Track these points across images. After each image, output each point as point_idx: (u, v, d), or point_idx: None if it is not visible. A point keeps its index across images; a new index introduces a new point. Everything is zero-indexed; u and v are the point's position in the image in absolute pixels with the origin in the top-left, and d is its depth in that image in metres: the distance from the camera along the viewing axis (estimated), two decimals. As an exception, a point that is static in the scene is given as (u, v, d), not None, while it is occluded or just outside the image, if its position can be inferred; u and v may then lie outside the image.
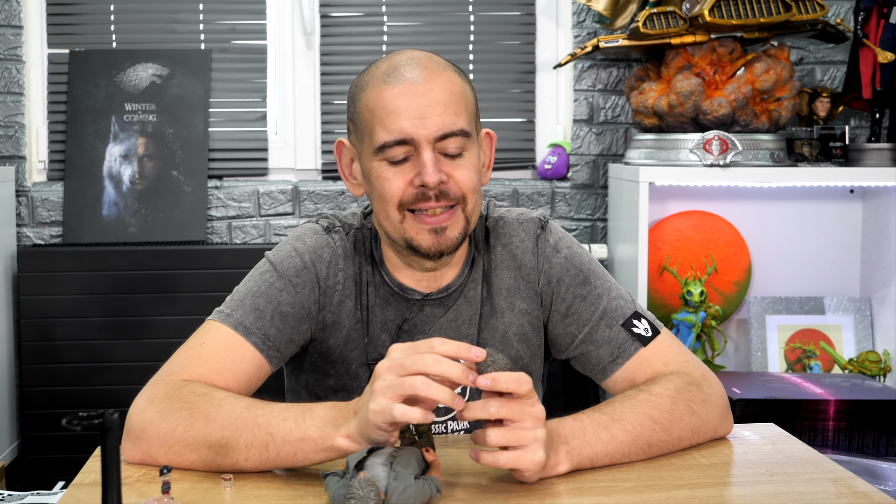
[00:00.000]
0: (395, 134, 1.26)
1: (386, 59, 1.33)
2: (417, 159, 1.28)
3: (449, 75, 1.30)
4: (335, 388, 1.41)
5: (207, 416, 1.18)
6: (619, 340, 1.36)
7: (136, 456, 1.21)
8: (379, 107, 1.28)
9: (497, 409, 1.07)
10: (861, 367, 2.70)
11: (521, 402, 1.08)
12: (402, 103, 1.26)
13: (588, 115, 3.00)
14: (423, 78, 1.27)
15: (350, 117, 1.36)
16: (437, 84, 1.27)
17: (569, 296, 1.40)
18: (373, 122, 1.29)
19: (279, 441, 1.14)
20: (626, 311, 1.39)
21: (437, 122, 1.27)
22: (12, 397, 2.84)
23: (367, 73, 1.33)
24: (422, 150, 1.27)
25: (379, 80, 1.29)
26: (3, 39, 2.89)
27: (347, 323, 1.39)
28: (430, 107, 1.26)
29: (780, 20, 2.51)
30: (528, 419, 1.09)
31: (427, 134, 1.26)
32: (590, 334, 1.38)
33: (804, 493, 1.13)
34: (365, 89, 1.31)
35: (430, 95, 1.26)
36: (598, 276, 1.42)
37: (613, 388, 1.37)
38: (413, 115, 1.26)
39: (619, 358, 1.36)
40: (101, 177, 2.90)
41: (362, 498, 1.00)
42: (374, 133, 1.29)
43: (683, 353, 1.37)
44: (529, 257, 1.42)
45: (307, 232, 1.41)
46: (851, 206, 2.94)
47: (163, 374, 1.27)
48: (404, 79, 1.27)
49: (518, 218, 1.45)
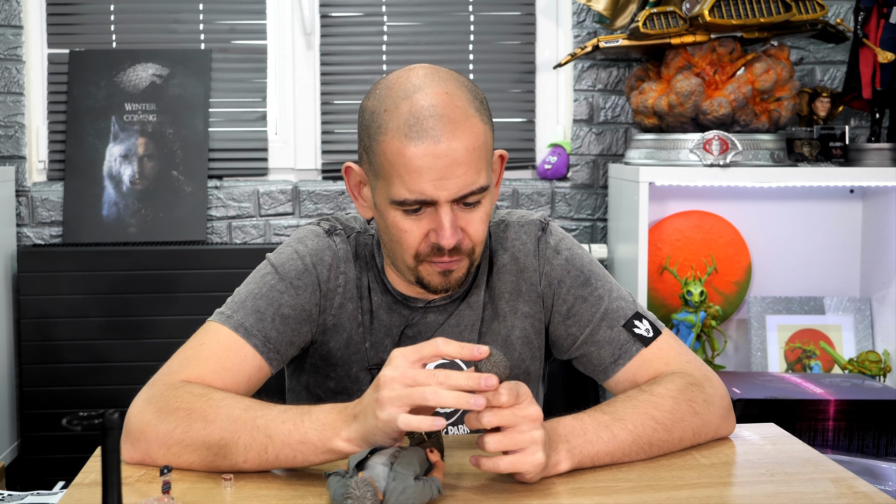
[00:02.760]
0: (415, 194, 1.24)
1: (406, 98, 1.25)
2: (434, 214, 1.26)
3: (472, 125, 1.26)
4: (336, 391, 1.41)
5: (206, 418, 1.18)
6: (621, 341, 1.36)
7: (135, 456, 1.21)
8: (400, 163, 1.24)
9: (490, 419, 1.09)
10: (861, 367, 2.70)
11: (514, 406, 1.10)
12: (424, 164, 1.23)
13: (588, 115, 3.00)
14: (446, 136, 1.23)
15: (364, 148, 1.31)
16: (460, 143, 1.24)
17: (570, 297, 1.40)
18: (391, 173, 1.25)
19: (278, 443, 1.14)
20: (628, 311, 1.39)
21: (457, 184, 1.24)
22: (12, 397, 2.84)
23: (385, 112, 1.26)
24: (440, 209, 1.26)
25: (399, 131, 1.24)
26: (3, 39, 2.89)
27: (349, 326, 1.39)
28: (451, 167, 1.23)
29: (780, 20, 2.51)
30: (523, 422, 1.10)
31: (447, 195, 1.25)
32: (591, 335, 1.38)
33: (804, 493, 1.13)
34: (384, 134, 1.25)
35: (452, 155, 1.23)
36: (598, 277, 1.42)
37: (615, 388, 1.37)
38: (435, 176, 1.23)
39: (620, 359, 1.36)
40: (101, 177, 2.90)
41: (359, 498, 1.00)
42: (392, 184, 1.26)
43: (685, 354, 1.37)
44: (531, 260, 1.42)
45: (308, 234, 1.41)
46: (851, 206, 2.94)
47: (161, 375, 1.27)
48: (426, 136, 1.22)
49: (519, 221, 1.45)
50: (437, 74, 1.28)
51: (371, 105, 1.29)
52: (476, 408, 1.06)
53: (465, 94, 1.28)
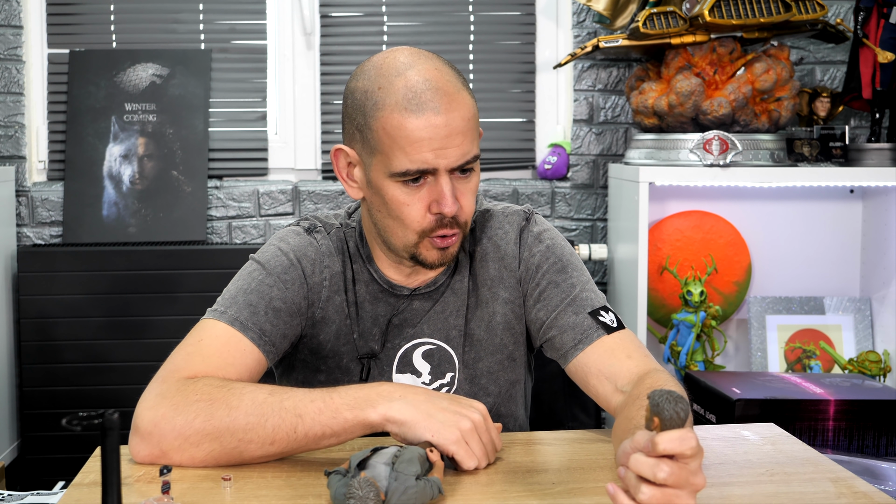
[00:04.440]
0: (417, 164, 1.29)
1: (399, 74, 1.30)
2: (434, 185, 1.31)
3: (463, 97, 1.31)
4: (326, 384, 1.42)
5: (229, 405, 1.19)
6: (584, 326, 1.38)
7: (145, 452, 1.20)
8: (401, 135, 1.28)
9: (665, 477, 0.95)
10: (861, 367, 2.70)
11: (688, 468, 0.96)
12: (425, 135, 1.28)
13: (588, 115, 3.00)
14: (444, 108, 1.29)
15: (357, 127, 1.34)
16: (457, 114, 1.30)
17: (543, 281, 1.43)
18: (392, 146, 1.30)
19: (309, 421, 1.18)
20: (596, 302, 1.41)
21: (456, 153, 1.30)
22: (12, 397, 2.84)
23: (379, 89, 1.31)
24: (440, 178, 1.31)
25: (398, 105, 1.29)
26: (3, 39, 2.89)
27: (337, 318, 1.42)
28: (450, 137, 1.29)
29: (780, 20, 2.51)
30: (687, 490, 0.97)
31: (447, 164, 1.30)
32: (556, 319, 1.40)
33: (804, 493, 1.13)
34: (382, 110, 1.30)
35: (451, 125, 1.29)
36: (575, 268, 1.44)
37: (575, 372, 1.38)
38: (436, 146, 1.29)
39: (580, 343, 1.37)
40: (101, 177, 2.90)
41: (362, 498, 1.00)
42: (392, 157, 1.30)
43: (645, 350, 1.39)
44: (512, 247, 1.45)
45: (289, 233, 1.45)
46: (851, 206, 2.94)
47: (167, 372, 1.27)
48: (426, 108, 1.28)
49: (503, 211, 1.49)
50: (421, 53, 1.35)
51: (362, 85, 1.34)
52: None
53: (451, 71, 1.34)
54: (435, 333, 1.43)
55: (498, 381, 1.45)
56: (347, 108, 1.36)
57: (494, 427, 1.23)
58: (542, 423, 1.74)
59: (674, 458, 0.95)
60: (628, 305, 2.65)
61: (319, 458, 1.24)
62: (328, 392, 1.21)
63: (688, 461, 0.96)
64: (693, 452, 0.96)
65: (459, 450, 1.16)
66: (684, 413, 0.95)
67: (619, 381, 1.32)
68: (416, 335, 1.43)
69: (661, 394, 0.96)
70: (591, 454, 1.27)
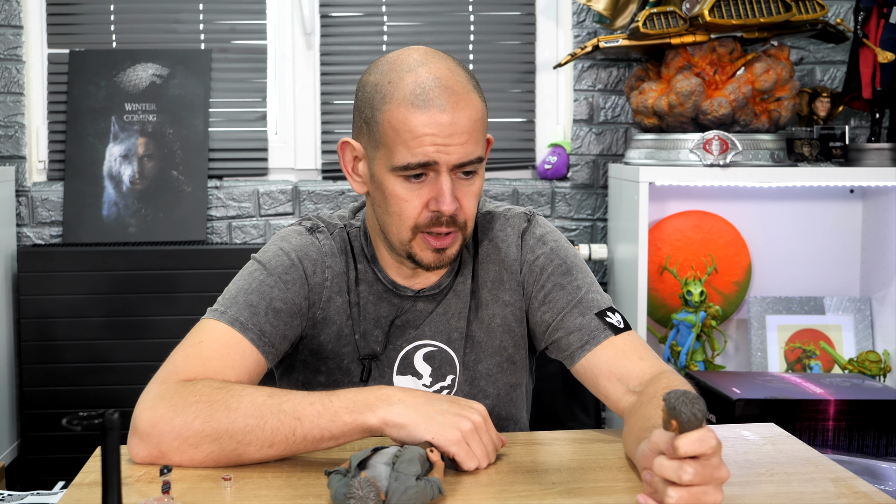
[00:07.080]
0: (419, 157, 1.29)
1: (410, 70, 1.31)
2: (435, 182, 1.31)
3: (472, 99, 1.31)
4: (326, 385, 1.42)
5: (228, 406, 1.19)
6: (591, 327, 1.38)
7: (143, 453, 1.20)
8: (404, 129, 1.29)
9: (691, 478, 0.97)
10: (861, 367, 2.70)
11: (711, 465, 0.99)
12: (429, 130, 1.28)
13: (588, 115, 3.00)
14: (450, 106, 1.29)
15: (364, 120, 1.34)
16: (463, 113, 1.29)
17: (548, 284, 1.42)
18: (395, 140, 1.30)
19: (307, 424, 1.18)
20: (602, 304, 1.40)
21: (459, 152, 1.30)
22: (12, 397, 2.84)
23: (389, 83, 1.31)
24: (441, 175, 1.31)
25: (405, 100, 1.29)
26: (3, 39, 2.89)
27: (338, 319, 1.41)
28: (454, 136, 1.29)
29: (780, 20, 2.51)
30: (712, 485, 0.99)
31: (449, 161, 1.30)
32: (562, 321, 1.39)
33: (804, 493, 1.13)
34: (389, 103, 1.30)
35: (455, 125, 1.29)
36: (580, 270, 1.44)
37: (583, 373, 1.38)
38: (438, 142, 1.29)
39: (588, 343, 1.37)
40: (101, 177, 2.90)
41: (362, 498, 1.00)
42: (394, 151, 1.30)
43: (653, 351, 1.39)
44: (513, 250, 1.45)
45: (291, 233, 1.44)
46: (851, 206, 2.94)
47: (166, 373, 1.27)
48: (432, 105, 1.28)
49: (505, 213, 1.48)
50: (436, 54, 1.35)
51: (373, 79, 1.34)
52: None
53: (463, 72, 1.34)
54: (437, 335, 1.43)
55: (497, 383, 1.45)
56: (358, 101, 1.37)
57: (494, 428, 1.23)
58: (542, 423, 1.74)
59: (696, 457, 0.97)
60: (628, 305, 2.65)
61: (320, 458, 1.24)
62: (327, 395, 1.20)
63: (709, 458, 0.98)
64: (714, 451, 0.98)
65: (460, 450, 1.16)
66: (701, 413, 0.97)
67: (631, 382, 1.32)
68: (418, 337, 1.43)
69: (677, 395, 0.97)
70: (591, 454, 1.27)
